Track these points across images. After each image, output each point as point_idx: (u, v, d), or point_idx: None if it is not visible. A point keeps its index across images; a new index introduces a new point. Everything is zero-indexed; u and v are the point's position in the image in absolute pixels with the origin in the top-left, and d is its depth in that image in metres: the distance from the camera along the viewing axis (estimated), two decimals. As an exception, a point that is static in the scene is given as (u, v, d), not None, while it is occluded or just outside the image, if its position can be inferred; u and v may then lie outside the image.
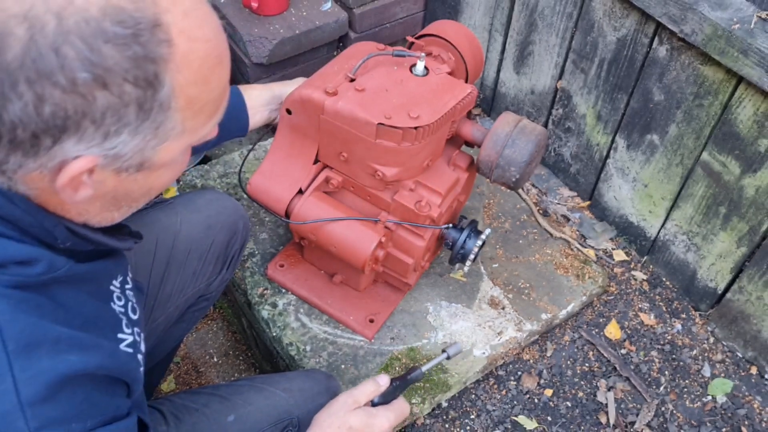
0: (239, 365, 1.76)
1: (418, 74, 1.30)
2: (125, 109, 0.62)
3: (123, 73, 0.60)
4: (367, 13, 2.07)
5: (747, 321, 1.62)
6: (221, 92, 0.70)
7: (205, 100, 0.68)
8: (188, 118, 0.67)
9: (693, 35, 1.40)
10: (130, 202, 0.75)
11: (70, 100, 0.59)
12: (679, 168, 1.63)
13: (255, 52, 1.91)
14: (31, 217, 0.68)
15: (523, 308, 1.60)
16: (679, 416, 1.55)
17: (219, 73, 0.68)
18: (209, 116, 0.71)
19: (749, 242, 1.55)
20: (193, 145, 0.74)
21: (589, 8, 1.65)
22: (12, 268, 0.66)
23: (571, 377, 1.59)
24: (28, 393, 0.64)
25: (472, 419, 1.50)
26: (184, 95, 0.65)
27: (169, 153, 0.69)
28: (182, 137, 0.69)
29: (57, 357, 0.66)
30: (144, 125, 0.64)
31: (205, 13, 0.67)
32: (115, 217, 0.76)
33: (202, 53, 0.65)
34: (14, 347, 0.64)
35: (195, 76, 0.65)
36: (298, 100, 1.27)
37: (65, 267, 0.71)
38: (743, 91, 1.41)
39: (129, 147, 0.65)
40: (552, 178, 1.99)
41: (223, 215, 1.31)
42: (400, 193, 1.32)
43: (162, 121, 0.65)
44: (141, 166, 0.69)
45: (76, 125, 0.61)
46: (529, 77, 1.93)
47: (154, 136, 0.66)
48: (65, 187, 0.65)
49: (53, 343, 0.67)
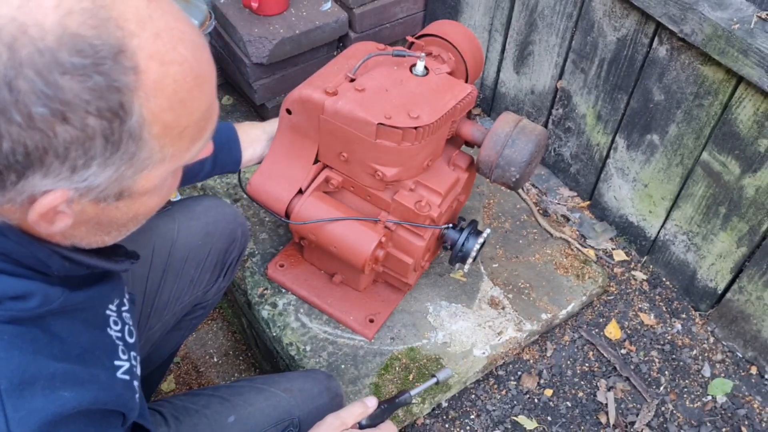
0: (239, 365, 1.76)
1: (418, 74, 1.30)
2: (91, 142, 0.58)
3: (84, 105, 0.56)
4: (367, 13, 2.07)
5: (747, 321, 1.62)
6: (204, 113, 0.66)
7: (184, 125, 0.64)
8: (167, 145, 0.64)
9: (693, 35, 1.40)
10: (117, 227, 0.72)
11: (29, 136, 0.56)
12: (679, 168, 1.63)
13: (255, 52, 1.91)
14: (24, 249, 0.66)
15: (523, 308, 1.60)
16: (679, 416, 1.55)
17: (198, 94, 0.64)
18: (193, 140, 0.67)
19: (749, 242, 1.55)
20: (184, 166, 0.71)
21: (589, 8, 1.65)
22: (6, 304, 0.65)
23: (571, 377, 1.59)
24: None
25: (472, 419, 1.50)
26: (160, 122, 0.61)
27: (150, 180, 0.66)
28: (163, 164, 0.65)
29: (51, 395, 0.65)
30: (115, 156, 0.60)
31: (181, 32, 0.62)
32: (105, 240, 0.73)
33: (178, 76, 0.61)
34: (7, 386, 0.62)
35: (170, 102, 0.61)
36: (298, 100, 1.27)
37: (60, 298, 0.69)
38: (743, 91, 1.41)
39: (101, 179, 0.62)
40: (552, 178, 1.99)
41: (221, 223, 1.29)
42: (400, 193, 1.32)
43: (135, 151, 0.61)
44: (120, 195, 0.66)
45: (39, 160, 0.58)
46: (529, 77, 1.93)
47: (129, 166, 0.62)
48: (38, 221, 0.63)
49: (48, 379, 0.65)
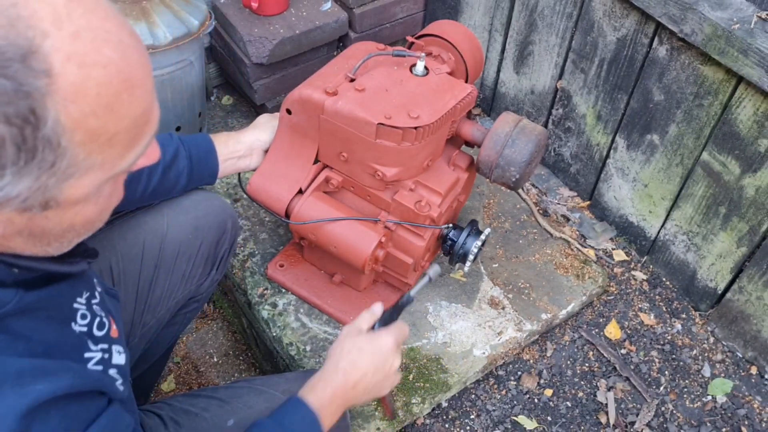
0: (239, 365, 1.76)
1: (418, 74, 1.30)
2: (1, 151, 0.55)
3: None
4: (367, 13, 2.07)
5: (747, 321, 1.62)
6: (137, 119, 0.62)
7: (113, 131, 0.60)
8: (95, 152, 0.59)
9: (693, 35, 1.40)
10: (56, 238, 0.68)
11: None
12: (679, 168, 1.63)
13: (255, 52, 1.91)
14: None
15: (523, 308, 1.60)
16: (679, 416, 1.55)
17: (128, 98, 0.60)
18: (126, 147, 0.62)
19: (749, 242, 1.55)
20: (122, 176, 0.68)
21: (589, 8, 1.65)
22: None
23: (571, 377, 1.59)
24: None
25: (472, 419, 1.50)
26: (83, 129, 0.57)
27: (79, 189, 0.62)
28: (93, 172, 0.61)
29: (23, 390, 0.63)
30: (31, 165, 0.57)
31: (106, 32, 0.58)
32: (48, 251, 0.69)
33: (101, 80, 0.57)
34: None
35: (93, 107, 0.57)
36: (298, 100, 1.27)
37: (14, 300, 0.66)
38: (743, 91, 1.41)
39: (19, 188, 0.58)
40: (552, 178, 1.99)
41: (210, 215, 1.28)
42: (400, 193, 1.32)
43: (55, 160, 0.57)
44: (47, 205, 0.62)
45: None
46: (529, 77, 1.93)
47: (51, 175, 0.58)
48: None
49: (16, 377, 0.63)
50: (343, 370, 1.05)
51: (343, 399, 1.05)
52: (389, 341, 1.10)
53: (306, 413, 0.99)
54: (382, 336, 1.10)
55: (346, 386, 1.05)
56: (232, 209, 1.36)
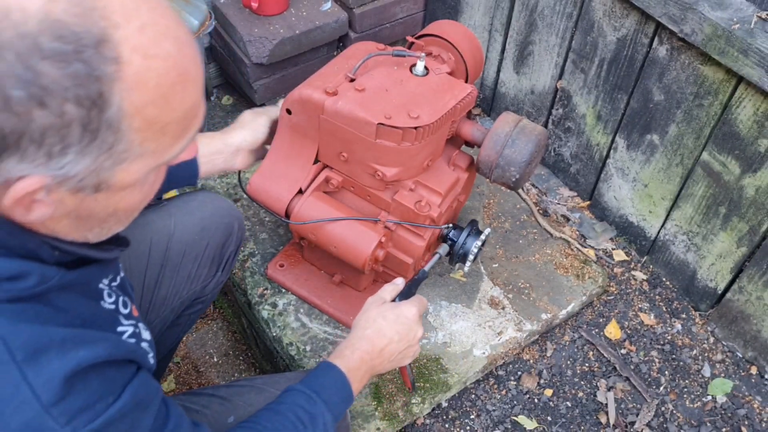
0: (239, 365, 1.76)
1: (418, 74, 1.30)
2: (67, 130, 0.58)
3: (63, 91, 0.56)
4: (367, 13, 2.07)
5: (747, 321, 1.62)
6: (187, 111, 0.66)
7: (166, 121, 0.64)
8: (148, 140, 0.63)
9: (693, 35, 1.40)
10: (98, 222, 0.72)
11: (5, 118, 0.56)
12: (679, 168, 1.63)
13: (255, 52, 1.91)
14: (15, 239, 0.67)
15: (523, 308, 1.60)
16: (679, 416, 1.55)
17: (182, 91, 0.64)
18: (175, 137, 0.66)
19: (749, 242, 1.55)
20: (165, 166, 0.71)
21: (589, 8, 1.65)
22: (3, 285, 0.65)
23: (571, 377, 1.59)
24: (48, 396, 0.64)
25: (472, 419, 1.50)
26: (141, 116, 0.61)
27: (129, 174, 0.65)
28: (143, 159, 0.65)
29: (66, 356, 0.66)
30: (92, 146, 0.60)
31: (166, 28, 0.62)
32: (88, 237, 0.73)
33: (161, 71, 0.61)
34: (23, 356, 0.64)
35: (152, 96, 0.61)
36: (298, 100, 1.27)
37: (57, 276, 0.70)
38: (743, 91, 1.41)
39: (79, 168, 0.61)
40: (552, 178, 1.99)
41: (217, 216, 1.29)
42: (400, 193, 1.32)
43: (113, 143, 0.61)
44: (99, 187, 0.65)
45: (15, 144, 0.58)
46: (529, 77, 1.93)
47: (107, 157, 0.62)
48: (13, 206, 0.63)
49: (60, 344, 0.67)
50: (369, 337, 1.10)
51: (370, 365, 1.09)
52: (413, 311, 1.15)
53: (337, 375, 1.04)
54: (406, 305, 1.16)
55: (373, 352, 1.10)
56: (239, 211, 1.36)
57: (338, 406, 1.03)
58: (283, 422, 0.95)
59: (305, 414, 0.97)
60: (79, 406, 0.67)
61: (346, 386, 1.04)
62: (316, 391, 1.01)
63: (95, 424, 0.68)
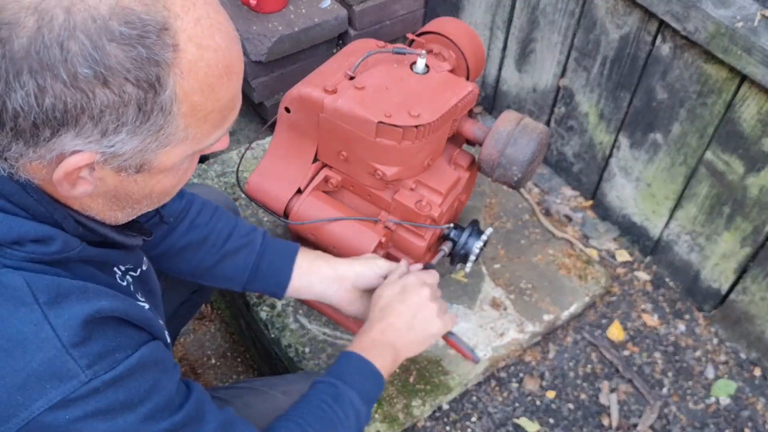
0: (237, 367, 1.75)
1: (419, 72, 1.28)
2: (124, 109, 0.62)
3: (125, 72, 0.61)
4: (367, 10, 2.06)
5: (751, 322, 1.60)
6: (228, 102, 0.70)
7: (209, 109, 0.68)
8: (192, 125, 0.68)
9: (696, 33, 1.39)
10: (132, 203, 0.76)
11: (70, 94, 0.60)
12: (682, 167, 1.61)
13: (253, 49, 1.90)
14: (43, 207, 0.70)
15: (524, 309, 1.58)
16: (682, 418, 1.54)
17: (227, 82, 0.68)
18: (214, 126, 0.71)
19: (753, 242, 1.53)
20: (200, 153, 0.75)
21: (591, 6, 1.64)
22: (28, 246, 0.68)
23: (574, 379, 1.58)
24: (69, 336, 0.66)
25: (473, 422, 1.48)
26: (188, 101, 0.66)
27: (170, 158, 0.70)
28: (185, 144, 0.69)
29: (87, 302, 0.69)
30: (144, 127, 0.64)
31: (218, 22, 0.67)
32: (119, 217, 0.78)
33: (210, 61, 0.65)
34: (46, 299, 0.67)
35: (200, 84, 0.65)
36: (297, 98, 1.25)
37: (79, 247, 0.73)
38: (747, 89, 1.40)
39: (128, 147, 0.65)
40: (554, 177, 1.97)
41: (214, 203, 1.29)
42: (401, 192, 1.31)
43: (163, 125, 0.65)
44: (140, 168, 0.69)
45: (74, 120, 0.62)
46: (530, 75, 1.91)
47: (154, 139, 0.66)
48: (62, 180, 0.66)
49: (81, 291, 0.69)
50: (376, 318, 1.11)
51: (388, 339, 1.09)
52: (411, 278, 1.14)
53: (354, 358, 1.05)
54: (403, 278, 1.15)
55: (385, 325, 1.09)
56: (234, 203, 1.36)
57: (363, 385, 1.03)
58: (308, 407, 0.98)
59: (329, 397, 0.99)
60: (98, 351, 0.68)
61: (367, 364, 1.04)
62: (337, 376, 1.02)
63: (116, 371, 0.69)
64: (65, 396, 0.66)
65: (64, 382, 0.66)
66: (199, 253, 1.15)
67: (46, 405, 0.65)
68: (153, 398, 0.73)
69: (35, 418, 0.65)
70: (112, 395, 0.69)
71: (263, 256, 1.18)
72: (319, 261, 1.21)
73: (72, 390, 0.66)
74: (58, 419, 0.66)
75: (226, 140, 0.79)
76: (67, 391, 0.66)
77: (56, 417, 0.66)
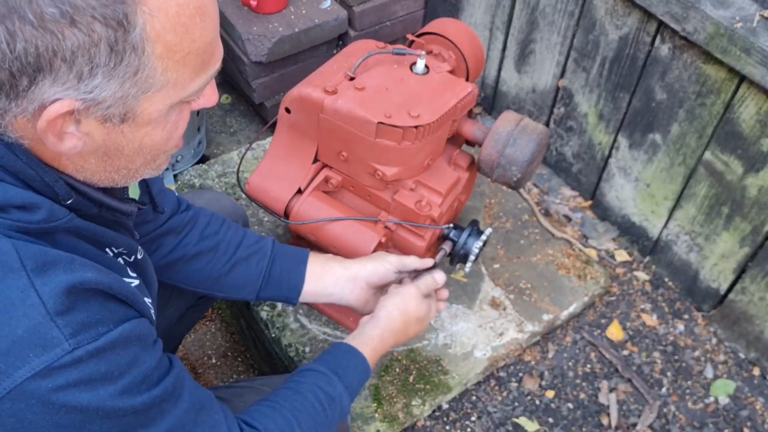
0: (238, 366, 1.75)
1: (419, 73, 1.29)
2: (96, 49, 0.62)
3: (91, 11, 0.61)
4: (367, 11, 2.06)
5: (750, 322, 1.61)
6: (206, 46, 0.70)
7: (186, 51, 0.68)
8: (170, 69, 0.67)
9: (695, 34, 1.39)
10: (125, 161, 0.75)
11: (40, 36, 0.60)
12: (681, 168, 1.62)
13: (254, 50, 1.90)
14: (33, 171, 0.70)
15: (524, 309, 1.59)
16: (681, 418, 1.54)
17: (200, 23, 0.68)
18: (195, 71, 0.70)
19: (752, 242, 1.53)
20: (187, 106, 0.75)
21: (590, 6, 1.64)
22: (12, 213, 0.68)
23: (573, 378, 1.58)
24: (53, 304, 0.66)
25: (472, 421, 1.49)
26: (162, 42, 0.65)
27: (153, 105, 0.69)
28: (166, 89, 0.69)
29: (73, 272, 0.69)
30: (119, 68, 0.64)
31: None
32: (116, 179, 0.77)
33: (181, 1, 0.65)
34: (33, 266, 0.67)
35: (172, 23, 0.65)
36: (297, 98, 1.25)
37: (66, 217, 0.72)
38: (746, 90, 1.40)
39: (107, 92, 0.65)
40: (553, 177, 1.98)
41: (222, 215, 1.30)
42: (401, 192, 1.31)
43: (138, 67, 0.65)
44: (125, 117, 0.69)
45: (48, 64, 0.62)
46: (530, 76, 1.92)
47: (133, 84, 0.66)
48: (46, 132, 0.66)
49: (68, 262, 0.69)
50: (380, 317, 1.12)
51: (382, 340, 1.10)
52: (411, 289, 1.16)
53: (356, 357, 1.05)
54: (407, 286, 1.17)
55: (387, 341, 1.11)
56: (243, 210, 1.37)
57: (356, 388, 1.04)
58: (303, 402, 0.97)
59: (324, 396, 0.98)
60: (81, 321, 0.68)
61: (367, 370, 1.05)
62: (336, 372, 1.02)
63: (99, 342, 0.69)
64: (48, 364, 0.66)
65: (47, 350, 0.66)
66: (210, 262, 1.16)
67: (30, 373, 0.65)
68: (133, 372, 0.73)
69: (18, 386, 0.65)
70: (93, 366, 0.69)
71: (275, 262, 1.18)
72: (331, 263, 1.21)
73: (55, 358, 0.66)
74: (40, 388, 0.66)
75: (214, 95, 0.78)
76: (50, 359, 0.66)
77: (39, 385, 0.66)
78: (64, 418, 0.68)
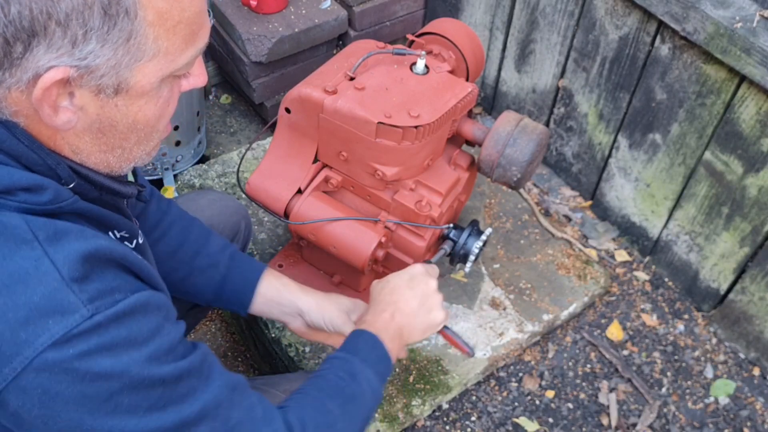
0: (238, 366, 1.75)
1: (419, 73, 1.29)
2: (89, 12, 0.63)
3: None
4: (367, 11, 2.06)
5: (750, 322, 1.61)
6: (195, 15, 0.70)
7: (177, 19, 0.68)
8: (161, 37, 0.68)
9: (695, 34, 1.39)
10: (120, 139, 0.75)
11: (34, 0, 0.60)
12: (681, 168, 1.62)
13: (254, 50, 1.90)
14: (35, 154, 0.70)
15: (524, 309, 1.59)
16: (681, 418, 1.54)
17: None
18: (185, 41, 0.71)
19: (752, 242, 1.53)
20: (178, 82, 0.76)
21: (590, 6, 1.64)
22: (19, 195, 0.68)
23: (573, 378, 1.58)
24: (68, 271, 0.66)
25: (472, 421, 1.49)
26: (153, 7, 0.66)
27: (146, 76, 0.70)
28: (158, 59, 0.69)
29: (85, 241, 0.69)
30: (112, 33, 0.65)
31: None
32: (110, 161, 0.77)
33: None
34: (45, 236, 0.67)
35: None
36: (297, 98, 1.25)
37: (71, 199, 0.72)
38: (746, 90, 1.40)
39: (101, 59, 0.66)
40: (553, 177, 1.98)
41: (224, 215, 1.30)
42: (401, 192, 1.31)
43: (131, 32, 0.65)
44: (118, 89, 0.69)
45: (43, 28, 0.62)
46: (530, 76, 1.92)
47: (126, 51, 0.66)
48: (42, 102, 0.66)
49: (79, 232, 0.69)
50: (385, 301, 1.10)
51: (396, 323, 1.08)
52: (418, 267, 1.15)
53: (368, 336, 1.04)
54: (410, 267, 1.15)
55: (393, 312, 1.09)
56: (246, 211, 1.36)
57: (377, 364, 1.02)
58: (326, 382, 0.97)
59: (345, 373, 0.98)
60: (98, 288, 0.68)
61: (380, 344, 1.04)
62: (351, 351, 1.02)
63: (117, 308, 0.68)
64: (68, 331, 0.65)
65: (66, 316, 0.65)
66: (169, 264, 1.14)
67: (50, 340, 0.64)
68: (156, 340, 0.72)
69: (39, 354, 0.64)
70: (114, 331, 0.68)
71: (226, 276, 1.17)
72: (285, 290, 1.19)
73: (75, 324, 0.65)
74: (62, 355, 0.65)
75: (203, 75, 0.79)
76: (69, 325, 0.65)
77: (60, 353, 0.65)
78: (89, 388, 0.67)
